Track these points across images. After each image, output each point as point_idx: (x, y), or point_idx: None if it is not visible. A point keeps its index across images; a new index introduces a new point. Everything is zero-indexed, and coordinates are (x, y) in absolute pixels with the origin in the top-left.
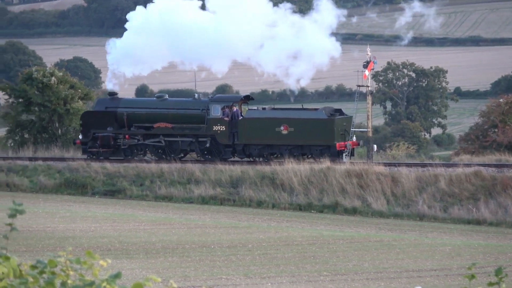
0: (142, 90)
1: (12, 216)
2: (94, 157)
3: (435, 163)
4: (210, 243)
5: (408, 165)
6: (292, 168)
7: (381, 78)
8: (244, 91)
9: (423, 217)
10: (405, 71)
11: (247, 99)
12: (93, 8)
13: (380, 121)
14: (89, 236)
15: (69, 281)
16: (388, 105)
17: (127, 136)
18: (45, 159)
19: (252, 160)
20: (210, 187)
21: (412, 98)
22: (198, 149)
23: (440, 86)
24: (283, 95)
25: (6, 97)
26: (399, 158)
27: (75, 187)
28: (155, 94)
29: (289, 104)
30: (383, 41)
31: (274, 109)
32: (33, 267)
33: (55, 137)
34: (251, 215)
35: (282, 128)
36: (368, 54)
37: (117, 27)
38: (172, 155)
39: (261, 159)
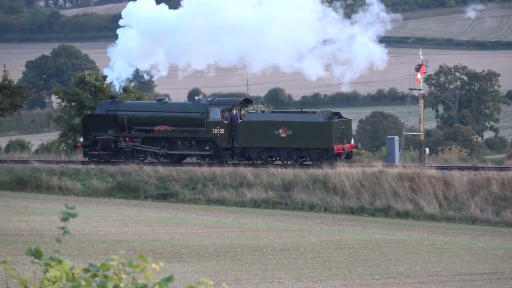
0: (194, 94)
1: (64, 219)
2: (95, 160)
3: (488, 167)
4: (262, 247)
5: (461, 168)
6: (344, 172)
7: (433, 81)
8: (296, 94)
9: (476, 220)
10: (457, 74)
11: (246, 102)
12: None
13: (432, 124)
14: (142, 239)
15: (121, 285)
16: (440, 108)
17: (127, 139)
18: (97, 162)
19: (251, 163)
20: (262, 190)
21: (464, 102)
22: (197, 152)
23: (492, 89)
24: (335, 99)
25: (59, 100)
26: (451, 162)
27: (128, 190)
28: (207, 97)
29: (340, 108)
30: (435, 44)
31: (273, 112)
32: (86, 270)
33: None
34: (303, 219)
35: (280, 131)
36: (420, 58)
37: None
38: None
39: (260, 162)
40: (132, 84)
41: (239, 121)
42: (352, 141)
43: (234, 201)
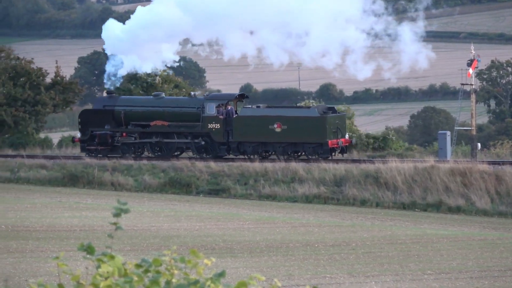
0: (246, 90)
1: (117, 215)
2: (92, 155)
3: None
4: (314, 242)
5: None
6: (396, 167)
7: (485, 76)
8: (347, 89)
9: None
10: (509, 69)
11: (242, 97)
12: None
13: (484, 119)
14: (194, 235)
15: (173, 280)
16: (492, 103)
17: (124, 134)
18: (149, 158)
19: (246, 157)
20: (314, 186)
21: None
22: (193, 146)
23: None
24: (387, 94)
25: None
26: (503, 157)
27: (180, 186)
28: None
29: (392, 103)
30: (486, 39)
31: (268, 107)
32: (138, 266)
33: None
34: (355, 214)
35: (275, 126)
36: (472, 52)
37: None
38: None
39: (255, 156)
40: (170, 72)
41: (234, 116)
42: (347, 136)
43: (285, 196)
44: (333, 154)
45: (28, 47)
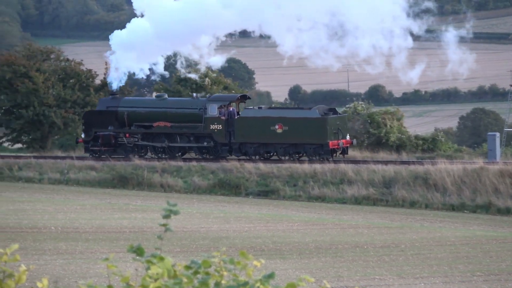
0: (295, 91)
1: (166, 216)
2: (96, 155)
3: None
4: (363, 243)
5: None
6: (445, 168)
7: None
8: (397, 91)
9: None
10: None
11: (244, 98)
12: None
13: None
14: (243, 236)
15: (223, 282)
16: None
17: (127, 134)
18: (198, 159)
19: (248, 158)
20: (363, 187)
21: None
22: (195, 147)
23: None
24: (436, 95)
25: None
26: None
27: (229, 187)
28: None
29: (441, 104)
30: None
31: (269, 108)
32: (187, 267)
33: None
34: (404, 215)
35: (276, 127)
36: None
37: None
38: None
39: (257, 157)
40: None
41: (236, 117)
42: (348, 137)
43: (334, 197)
44: (334, 155)
45: (77, 49)
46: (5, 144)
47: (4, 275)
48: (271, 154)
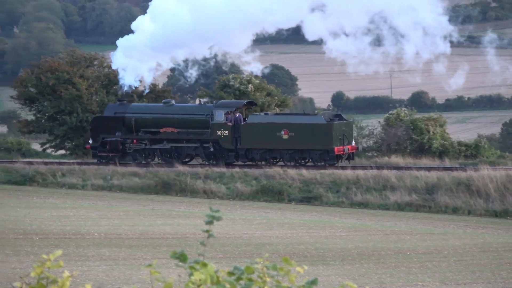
0: (338, 97)
1: (209, 222)
2: (104, 161)
3: None
4: (405, 250)
5: None
6: (488, 174)
7: None
8: (440, 97)
9: None
10: None
11: (250, 104)
12: None
13: None
14: (286, 242)
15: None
16: None
17: (134, 140)
18: (241, 166)
19: (254, 164)
20: (406, 193)
21: None
22: (202, 153)
23: None
24: (479, 102)
25: None
26: None
27: (272, 193)
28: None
29: (484, 111)
30: None
31: (276, 114)
32: (230, 273)
33: None
34: (447, 222)
35: (282, 133)
36: None
37: None
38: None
39: (263, 163)
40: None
41: (242, 123)
42: (353, 143)
43: (377, 204)
44: (340, 160)
45: None
46: (49, 151)
47: (47, 281)
48: (277, 160)
